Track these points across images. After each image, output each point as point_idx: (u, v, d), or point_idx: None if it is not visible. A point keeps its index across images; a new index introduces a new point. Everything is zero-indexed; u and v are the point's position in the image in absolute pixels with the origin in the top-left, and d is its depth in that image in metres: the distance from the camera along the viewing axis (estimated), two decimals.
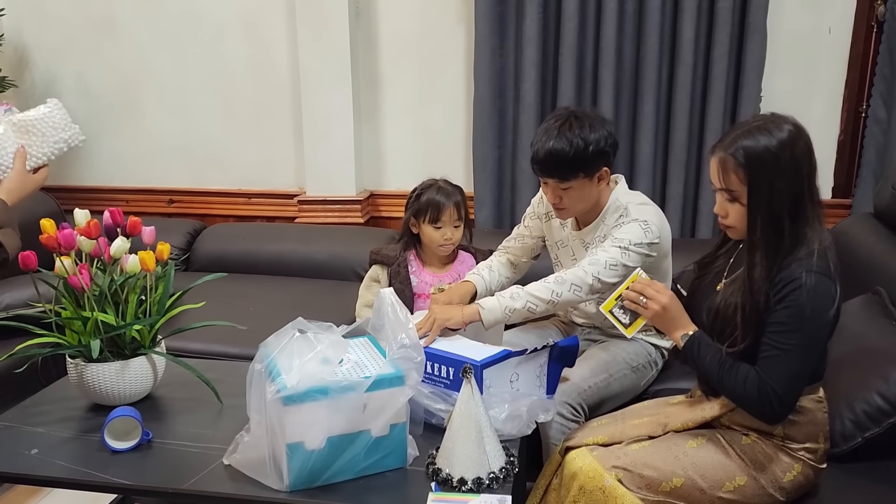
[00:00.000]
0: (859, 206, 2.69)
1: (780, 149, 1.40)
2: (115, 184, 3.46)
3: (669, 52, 2.69)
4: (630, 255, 1.79)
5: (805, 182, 1.42)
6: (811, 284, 1.38)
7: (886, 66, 2.60)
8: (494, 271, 2.09)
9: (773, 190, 1.40)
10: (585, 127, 1.80)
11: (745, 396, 1.45)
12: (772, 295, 1.42)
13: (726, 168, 1.44)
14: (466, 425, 1.40)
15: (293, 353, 1.41)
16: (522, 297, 1.77)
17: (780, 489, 1.50)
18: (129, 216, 1.78)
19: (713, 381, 1.50)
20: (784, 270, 1.41)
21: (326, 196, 3.12)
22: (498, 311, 1.77)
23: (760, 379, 1.42)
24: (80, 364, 1.67)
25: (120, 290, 1.69)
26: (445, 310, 1.78)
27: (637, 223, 1.82)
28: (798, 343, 1.40)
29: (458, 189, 2.21)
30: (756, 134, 1.42)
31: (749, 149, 1.41)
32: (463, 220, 2.18)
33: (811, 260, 1.40)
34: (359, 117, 3.08)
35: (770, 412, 1.44)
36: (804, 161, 1.42)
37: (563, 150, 1.78)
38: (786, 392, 1.42)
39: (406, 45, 3.03)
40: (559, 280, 1.78)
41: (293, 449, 1.36)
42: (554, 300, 1.77)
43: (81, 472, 1.48)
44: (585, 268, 1.78)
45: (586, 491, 1.52)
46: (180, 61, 3.25)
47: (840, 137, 2.79)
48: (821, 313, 1.40)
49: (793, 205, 1.42)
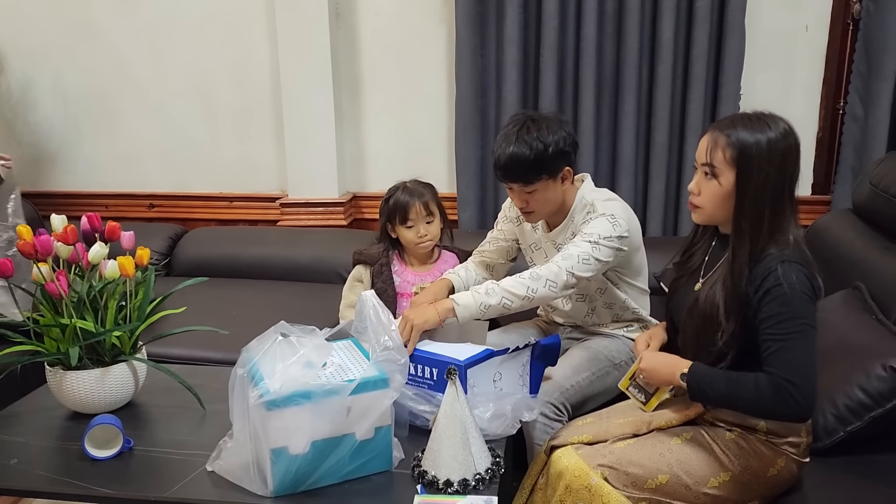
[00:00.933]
0: (838, 203, 2.72)
1: (773, 143, 1.43)
2: (94, 189, 3.42)
3: (649, 51, 2.71)
4: (601, 248, 1.80)
5: (787, 180, 1.45)
6: (788, 272, 1.40)
7: (862, 64, 2.63)
8: (471, 271, 2.11)
9: (759, 179, 1.43)
10: (543, 129, 1.82)
11: (762, 401, 1.40)
12: (751, 291, 1.43)
13: (716, 145, 1.46)
14: (451, 426, 1.39)
15: (276, 358, 1.40)
16: (497, 294, 1.77)
17: (764, 484, 1.51)
18: (108, 221, 1.76)
19: (728, 402, 1.49)
20: (760, 263, 1.43)
21: (309, 199, 3.11)
22: (473, 308, 1.76)
23: (771, 376, 1.39)
24: (59, 372, 1.65)
25: (99, 296, 1.67)
26: (419, 312, 1.76)
27: (604, 217, 1.84)
28: (797, 329, 1.39)
29: (428, 186, 2.23)
30: (755, 123, 1.45)
31: (744, 136, 1.44)
32: (435, 216, 2.19)
33: (785, 251, 1.42)
34: (340, 119, 3.07)
35: (795, 406, 1.38)
36: (791, 160, 1.45)
37: (524, 154, 1.80)
38: (801, 380, 1.37)
39: (387, 46, 3.03)
40: (534, 276, 1.78)
41: (277, 454, 1.35)
42: (529, 296, 1.77)
43: (62, 481, 1.46)
44: (559, 263, 1.79)
45: (572, 490, 1.53)
46: (159, 64, 3.22)
47: (818, 135, 2.82)
48: (806, 296, 1.41)
49: (774, 200, 1.44)
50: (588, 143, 2.76)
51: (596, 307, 2.05)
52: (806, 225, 2.56)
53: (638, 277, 2.03)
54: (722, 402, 1.50)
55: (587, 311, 2.06)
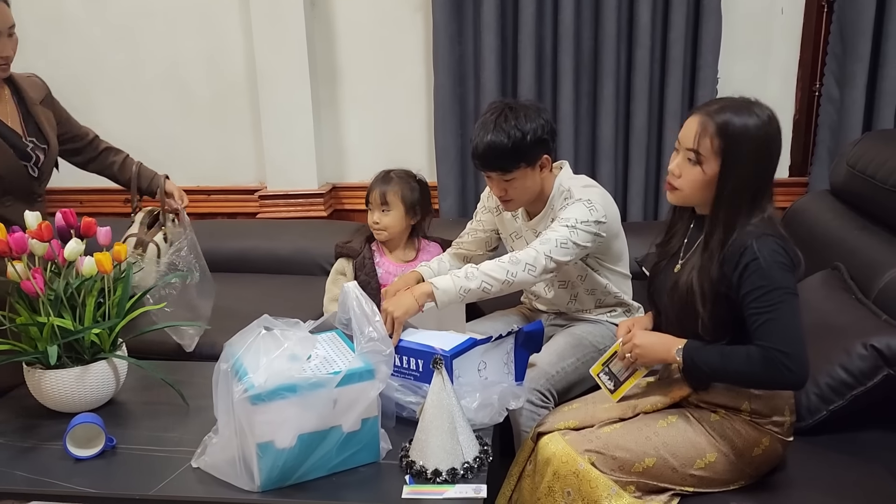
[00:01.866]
0: (815, 184, 2.74)
1: (758, 130, 1.43)
2: (68, 184, 3.35)
3: (627, 35, 2.71)
4: (578, 233, 1.80)
5: (768, 166, 1.47)
6: (763, 245, 1.41)
7: (837, 46, 2.65)
8: (445, 262, 2.11)
9: (743, 166, 1.44)
10: (521, 117, 1.81)
11: (754, 373, 1.42)
12: (729, 269, 1.44)
13: (705, 132, 1.45)
14: (439, 416, 1.39)
15: (260, 351, 1.39)
16: (477, 277, 1.76)
17: (750, 463, 1.52)
18: (83, 217, 1.73)
19: (722, 376, 1.50)
20: (735, 241, 1.44)
21: (288, 190, 3.08)
22: (452, 292, 1.75)
23: (761, 348, 1.40)
24: (37, 371, 1.62)
25: (76, 293, 1.64)
26: (398, 302, 1.72)
27: (580, 202, 1.84)
28: (779, 299, 1.40)
29: (406, 180, 2.21)
30: (742, 110, 1.45)
31: (733, 122, 1.44)
32: (392, 208, 2.18)
33: (758, 228, 1.44)
34: (318, 109, 3.04)
35: (789, 374, 1.39)
36: (774, 148, 1.47)
37: (502, 143, 1.80)
38: (791, 348, 1.38)
39: (364, 35, 3.00)
40: (513, 260, 1.78)
41: (263, 448, 1.34)
42: (509, 280, 1.76)
43: (44, 482, 1.44)
44: (537, 247, 1.79)
45: (560, 476, 1.53)
46: (132, 57, 3.17)
47: (795, 117, 2.84)
48: (784, 266, 1.42)
49: (756, 187, 1.45)
50: (567, 129, 2.76)
51: (578, 293, 2.05)
52: (784, 207, 2.58)
53: (619, 263, 2.04)
54: (716, 377, 1.51)
55: (570, 297, 2.07)
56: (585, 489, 1.50)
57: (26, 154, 1.89)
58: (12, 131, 1.89)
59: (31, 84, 2.00)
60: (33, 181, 1.93)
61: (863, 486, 1.53)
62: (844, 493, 1.51)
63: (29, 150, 1.90)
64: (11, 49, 1.83)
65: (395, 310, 1.70)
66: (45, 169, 1.96)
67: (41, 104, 1.97)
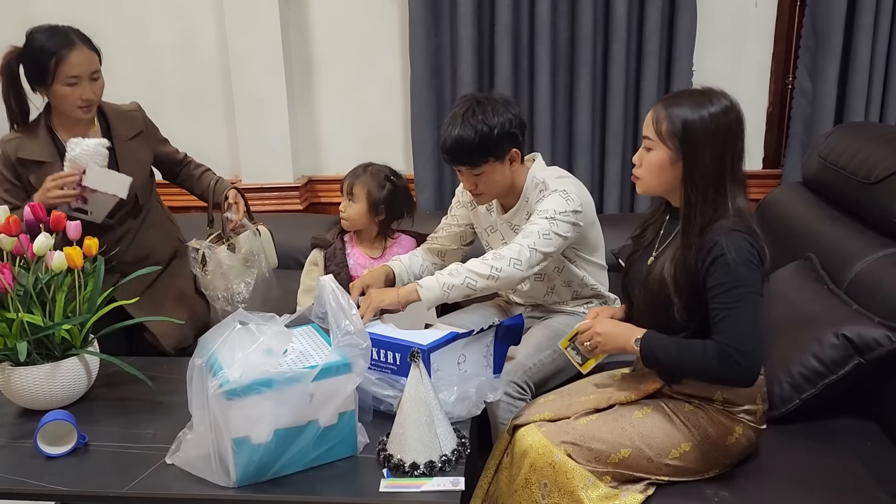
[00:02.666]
0: (788, 176, 2.78)
1: (714, 118, 1.46)
2: None
3: (603, 28, 2.71)
4: (558, 224, 1.81)
5: (730, 155, 1.48)
6: (732, 241, 1.43)
7: (810, 39, 2.68)
8: (417, 257, 2.11)
9: (701, 154, 1.46)
10: (488, 112, 1.81)
11: (709, 367, 1.45)
12: (699, 263, 1.46)
13: (658, 119, 1.50)
14: (416, 409, 1.38)
15: (235, 346, 1.37)
16: (461, 274, 1.76)
17: (724, 452, 1.54)
18: (53, 211, 1.70)
19: (678, 368, 1.52)
20: (707, 236, 1.46)
21: (263, 183, 3.04)
22: (437, 289, 1.76)
23: (717, 343, 1.43)
24: (6, 368, 1.59)
25: (46, 288, 1.61)
26: (384, 293, 1.78)
27: (556, 193, 1.85)
28: (740, 297, 1.42)
29: (381, 175, 2.20)
30: (697, 99, 1.48)
31: (685, 111, 1.47)
32: (357, 201, 2.17)
33: (729, 222, 1.45)
34: (293, 101, 3.01)
35: (740, 371, 1.42)
36: (732, 135, 1.48)
37: (469, 137, 1.80)
38: (746, 347, 1.41)
39: (339, 25, 2.97)
40: (497, 256, 1.78)
41: (239, 444, 1.33)
42: (494, 275, 1.77)
43: (15, 480, 1.42)
44: (520, 241, 1.80)
45: (537, 468, 1.54)
46: (102, 46, 3.08)
47: (769, 109, 2.87)
48: (751, 264, 1.44)
49: (718, 173, 1.47)
50: (544, 121, 2.76)
51: (555, 286, 2.06)
52: (757, 199, 2.61)
53: (594, 253, 2.04)
54: (673, 368, 1.53)
55: (546, 289, 2.07)
56: (562, 480, 1.51)
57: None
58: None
59: (127, 119, 2.11)
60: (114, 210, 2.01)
61: (835, 473, 1.56)
62: (817, 479, 1.53)
63: None
64: (93, 92, 1.94)
65: (375, 295, 1.75)
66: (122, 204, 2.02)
67: (132, 140, 2.08)
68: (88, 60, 1.93)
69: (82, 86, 1.91)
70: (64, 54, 1.87)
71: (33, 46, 1.90)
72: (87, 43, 1.95)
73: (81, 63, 1.90)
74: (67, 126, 1.98)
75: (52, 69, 1.87)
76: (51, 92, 1.92)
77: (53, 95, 1.92)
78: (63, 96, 1.91)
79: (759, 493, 1.51)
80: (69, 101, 1.91)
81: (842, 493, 1.50)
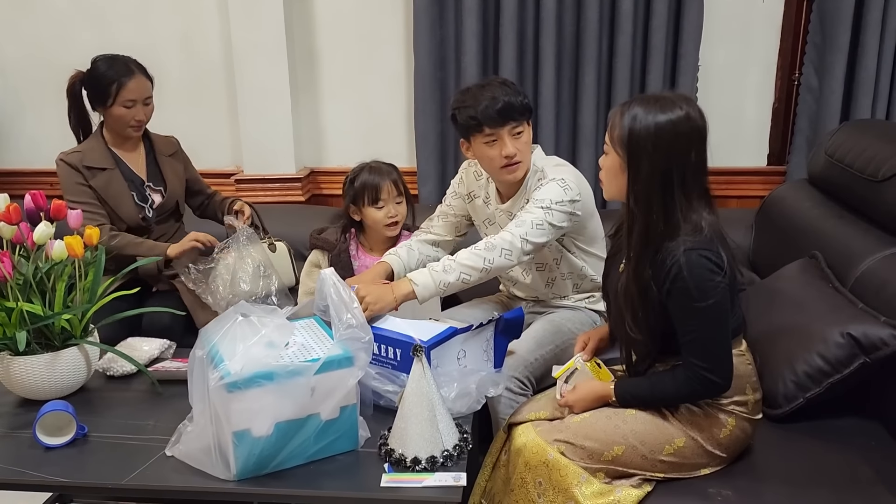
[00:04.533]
0: (794, 173, 2.76)
1: (664, 125, 1.42)
2: (38, 166, 3.28)
3: (609, 21, 2.69)
4: (553, 213, 1.80)
5: (683, 164, 1.43)
6: (689, 263, 1.41)
7: (817, 35, 2.66)
8: (413, 250, 2.08)
9: (645, 163, 1.43)
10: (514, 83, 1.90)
11: (682, 391, 1.50)
12: (657, 282, 1.45)
13: (613, 123, 1.48)
14: (418, 404, 1.38)
15: (236, 338, 1.37)
16: (455, 270, 1.75)
17: (719, 445, 1.54)
18: (53, 199, 1.68)
19: (653, 400, 1.54)
20: (660, 254, 1.45)
21: (265, 175, 3.03)
22: (432, 287, 1.74)
23: (686, 366, 1.48)
24: (6, 357, 1.59)
25: (46, 277, 1.60)
26: (379, 294, 1.71)
27: (554, 182, 1.84)
28: (701, 322, 1.44)
29: (392, 167, 2.18)
30: (650, 105, 1.44)
31: (637, 116, 1.44)
32: (404, 196, 2.15)
33: (684, 238, 1.43)
34: (296, 92, 2.99)
35: (711, 385, 1.47)
36: (683, 147, 1.43)
37: (513, 97, 1.84)
38: (713, 363, 1.46)
39: (343, 16, 2.95)
40: (489, 246, 1.77)
41: (240, 437, 1.32)
42: (486, 267, 1.76)
43: (13, 471, 1.41)
44: (513, 231, 1.78)
45: (531, 466, 1.54)
46: (104, 36, 3.09)
47: (774, 105, 2.85)
48: (707, 287, 1.42)
49: (664, 184, 1.43)
50: (549, 114, 2.75)
51: (555, 278, 2.05)
52: (762, 196, 2.60)
53: (594, 245, 2.03)
54: (651, 405, 1.55)
55: (546, 282, 2.06)
56: (556, 478, 1.50)
57: (144, 196, 2.28)
58: (136, 176, 2.29)
59: (165, 141, 2.42)
60: (147, 220, 2.28)
61: (839, 473, 1.55)
62: (821, 479, 1.53)
63: (147, 193, 2.29)
64: (145, 115, 2.24)
65: (375, 302, 1.70)
66: (161, 210, 2.32)
67: (170, 157, 2.39)
68: (144, 87, 2.21)
69: (137, 108, 2.19)
70: (125, 81, 2.16)
71: (97, 73, 2.18)
72: (144, 72, 2.22)
73: (138, 89, 2.18)
74: (118, 142, 2.28)
75: (113, 93, 2.15)
76: (109, 112, 2.19)
77: (111, 115, 2.20)
78: (119, 116, 2.18)
79: (761, 492, 1.50)
80: (124, 120, 2.19)
81: (846, 492, 1.49)
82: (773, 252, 2.32)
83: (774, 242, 2.35)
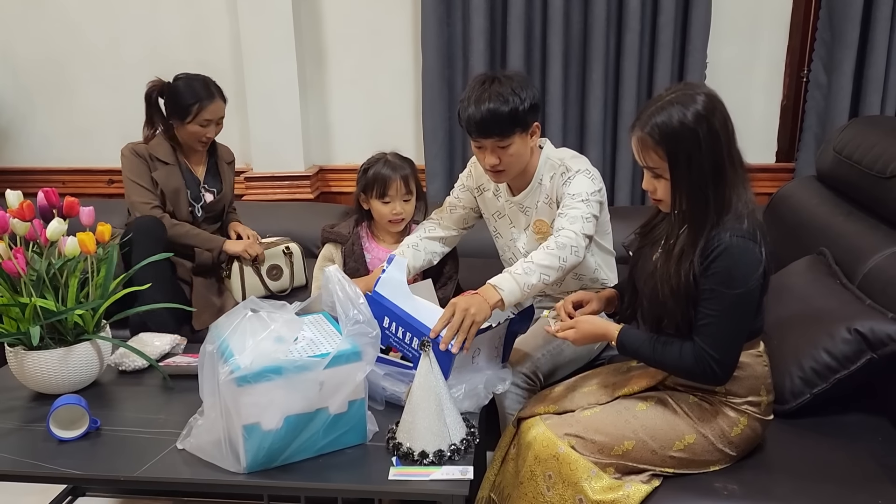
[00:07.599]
0: (802, 170, 2.76)
1: (696, 121, 1.41)
2: (50, 164, 3.31)
3: (616, 19, 2.69)
4: (592, 204, 1.82)
5: (724, 150, 1.43)
6: (734, 248, 1.41)
7: (826, 32, 2.66)
8: (420, 251, 2.06)
9: (692, 163, 1.42)
10: (515, 83, 1.81)
11: (683, 366, 1.49)
12: (699, 267, 1.45)
13: (646, 147, 1.45)
14: (426, 398, 1.39)
15: (246, 333, 1.38)
16: (535, 271, 1.72)
17: (729, 443, 1.54)
18: (66, 197, 1.70)
19: (651, 361, 1.55)
20: (711, 240, 1.44)
21: (274, 172, 3.05)
22: (517, 291, 1.70)
23: (696, 346, 1.46)
24: (20, 352, 1.60)
25: (59, 273, 1.62)
26: (479, 306, 1.63)
27: (581, 174, 1.85)
28: (728, 307, 1.43)
29: (408, 162, 2.16)
30: (669, 108, 1.42)
31: (664, 125, 1.41)
32: (413, 194, 2.14)
33: (735, 225, 1.43)
34: (304, 90, 3.01)
35: (712, 375, 1.47)
36: (721, 130, 1.43)
37: (501, 108, 1.78)
38: (723, 355, 1.45)
39: (351, 14, 2.97)
40: (560, 245, 1.75)
41: (249, 430, 1.34)
42: (562, 266, 1.75)
43: (28, 463, 1.43)
44: (571, 228, 1.78)
45: (541, 460, 1.54)
46: (113, 33, 3.12)
47: (783, 102, 2.84)
48: (747, 275, 1.42)
49: (714, 175, 1.43)
50: (556, 112, 2.75)
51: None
52: (770, 192, 2.59)
53: (604, 237, 2.03)
54: (646, 362, 1.56)
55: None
56: (566, 472, 1.51)
57: (197, 196, 2.42)
58: (195, 176, 2.43)
59: (226, 150, 2.57)
60: (195, 217, 2.43)
61: (845, 468, 1.55)
62: (826, 474, 1.52)
63: (200, 193, 2.43)
64: (215, 133, 2.39)
65: (472, 311, 1.60)
66: (209, 209, 2.47)
67: (228, 164, 2.56)
68: (220, 109, 2.35)
69: (210, 128, 2.34)
70: (206, 104, 2.29)
71: (179, 90, 2.31)
72: (221, 94, 2.36)
73: (216, 111, 2.33)
74: (185, 152, 2.42)
75: (193, 112, 2.28)
76: (184, 127, 2.32)
77: (185, 130, 2.33)
78: (193, 133, 2.33)
79: (768, 487, 1.51)
80: (196, 136, 2.34)
81: (851, 487, 1.49)
82: (781, 248, 2.31)
83: (782, 239, 2.34)
